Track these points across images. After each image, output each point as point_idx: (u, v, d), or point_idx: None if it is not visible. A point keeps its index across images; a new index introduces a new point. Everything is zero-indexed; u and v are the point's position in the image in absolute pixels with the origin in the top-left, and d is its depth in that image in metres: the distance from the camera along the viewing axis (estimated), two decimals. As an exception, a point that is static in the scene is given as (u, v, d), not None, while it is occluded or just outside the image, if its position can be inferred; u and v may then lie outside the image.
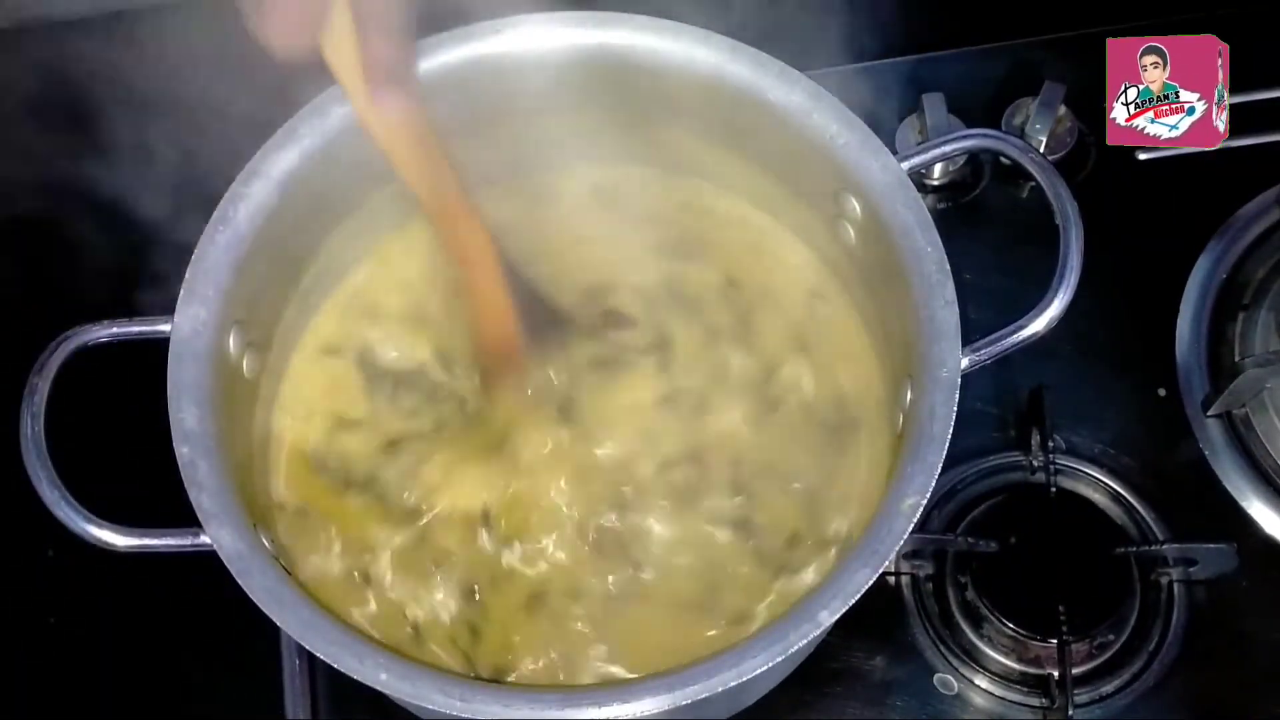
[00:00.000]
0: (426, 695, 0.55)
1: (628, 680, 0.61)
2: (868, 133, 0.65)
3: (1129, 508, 0.79)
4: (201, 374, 0.61)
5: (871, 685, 0.75)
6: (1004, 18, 0.92)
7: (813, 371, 0.70)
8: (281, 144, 0.65)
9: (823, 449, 0.68)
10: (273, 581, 0.57)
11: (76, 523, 0.58)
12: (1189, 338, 0.82)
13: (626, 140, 0.73)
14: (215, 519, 0.58)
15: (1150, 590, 0.76)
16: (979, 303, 0.79)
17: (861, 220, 0.66)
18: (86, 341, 0.62)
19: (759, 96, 0.66)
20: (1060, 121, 0.87)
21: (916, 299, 0.62)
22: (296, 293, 0.70)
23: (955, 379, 0.59)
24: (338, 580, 0.66)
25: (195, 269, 0.63)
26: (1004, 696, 0.75)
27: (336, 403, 0.71)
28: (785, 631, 0.55)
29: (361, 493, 0.68)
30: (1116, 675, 0.75)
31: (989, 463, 0.80)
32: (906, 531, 0.56)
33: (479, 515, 0.67)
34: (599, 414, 0.69)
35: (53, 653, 0.78)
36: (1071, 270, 0.61)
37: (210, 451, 0.60)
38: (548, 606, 0.66)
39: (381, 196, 0.71)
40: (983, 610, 0.75)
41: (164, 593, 0.76)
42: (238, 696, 0.76)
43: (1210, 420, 0.80)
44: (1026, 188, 0.88)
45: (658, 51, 0.67)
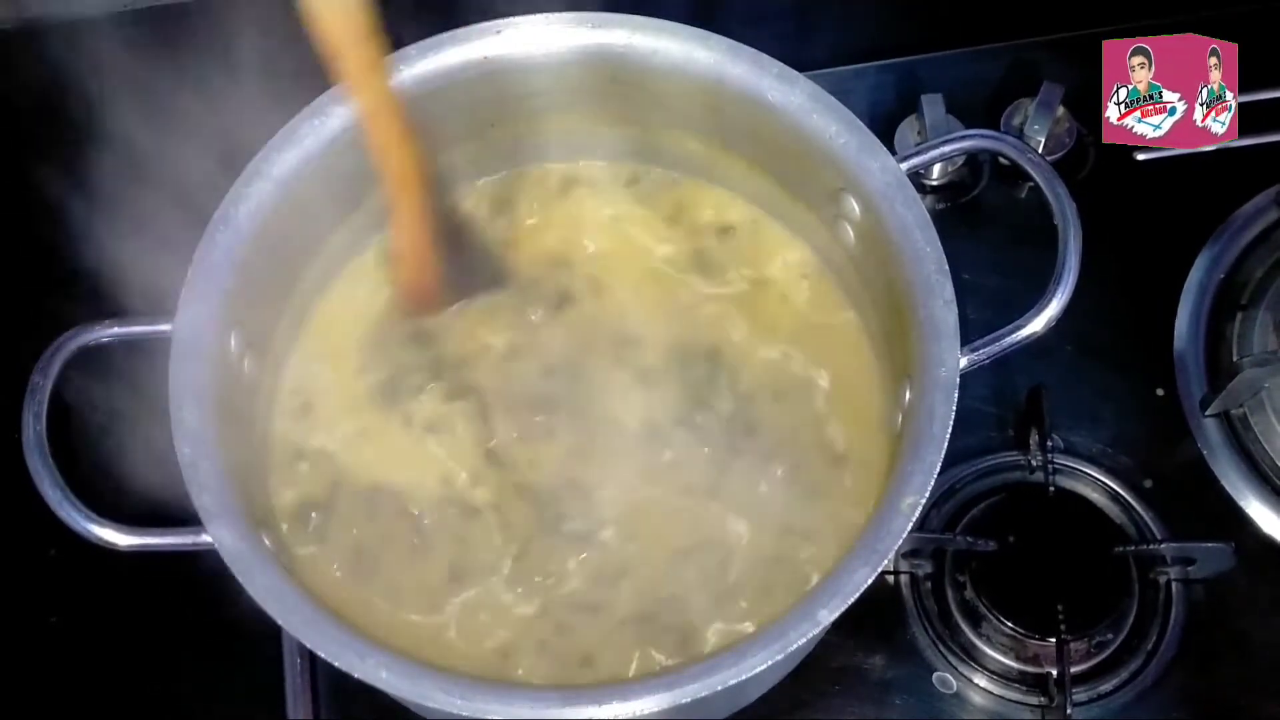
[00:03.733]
0: (427, 694, 0.55)
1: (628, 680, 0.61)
2: (867, 133, 0.65)
3: (1127, 507, 0.79)
4: (202, 373, 0.61)
5: (871, 684, 0.75)
6: (1003, 18, 0.92)
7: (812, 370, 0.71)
8: (281, 144, 0.65)
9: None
10: (274, 580, 0.57)
11: (78, 522, 0.59)
12: (1187, 337, 0.82)
13: (626, 140, 0.73)
14: (216, 518, 0.58)
15: (1148, 589, 0.76)
16: (978, 303, 0.79)
17: (861, 220, 0.66)
18: (88, 341, 0.62)
19: (759, 96, 0.66)
20: (1059, 122, 0.87)
21: (915, 299, 0.62)
22: (297, 292, 0.70)
23: (954, 378, 0.59)
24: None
25: (196, 269, 0.63)
26: (1003, 695, 0.75)
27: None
28: (784, 630, 0.55)
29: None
30: (1115, 674, 0.75)
31: (988, 462, 0.80)
32: (905, 530, 0.57)
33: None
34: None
35: (53, 653, 0.78)
36: (1070, 270, 0.62)
37: (211, 451, 0.60)
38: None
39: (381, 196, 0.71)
40: (981, 609, 0.75)
41: (165, 592, 0.76)
42: (239, 696, 0.76)
43: (1208, 420, 0.80)
44: (1025, 188, 0.88)
45: (657, 51, 0.67)
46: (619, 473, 0.69)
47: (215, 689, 0.77)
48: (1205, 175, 0.84)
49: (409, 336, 0.72)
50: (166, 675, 0.78)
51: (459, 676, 0.58)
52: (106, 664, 0.78)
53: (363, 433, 0.70)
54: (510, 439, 0.70)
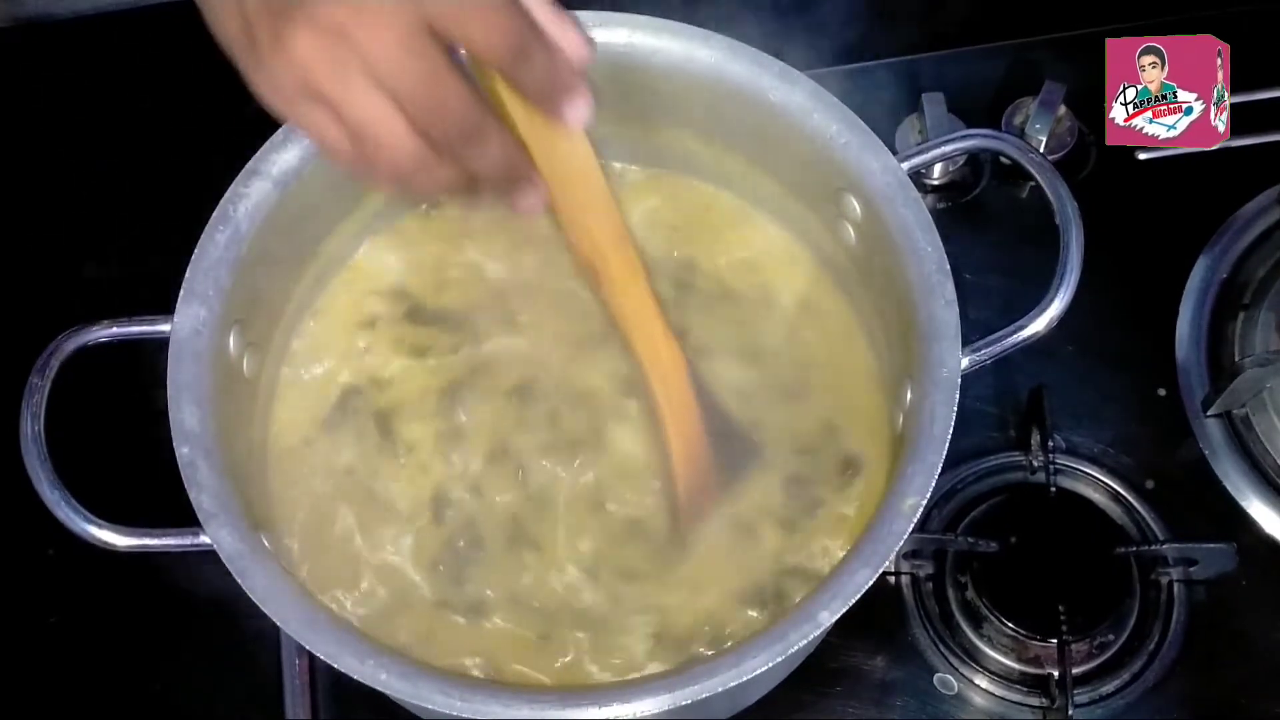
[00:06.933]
0: (426, 695, 0.55)
1: (627, 680, 0.61)
2: (868, 133, 0.65)
3: (1129, 507, 0.79)
4: (201, 374, 0.61)
5: (872, 685, 0.75)
6: (1004, 18, 0.92)
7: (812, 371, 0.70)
8: (281, 144, 0.65)
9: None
10: (273, 581, 0.57)
11: (77, 523, 0.58)
12: (1189, 337, 0.82)
13: (626, 140, 0.73)
14: (215, 519, 0.58)
15: (1150, 590, 0.76)
16: (979, 303, 0.79)
17: (861, 220, 0.66)
18: (86, 341, 0.62)
19: (759, 96, 0.66)
20: (1060, 121, 0.87)
21: (916, 299, 0.62)
22: (296, 292, 0.70)
23: (955, 379, 0.59)
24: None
25: (195, 268, 0.63)
26: (1004, 696, 0.75)
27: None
28: (785, 631, 0.55)
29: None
30: (1116, 675, 0.75)
31: (989, 463, 0.80)
32: (906, 531, 0.56)
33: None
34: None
35: (53, 653, 0.78)
36: (1071, 270, 0.61)
37: (210, 451, 0.60)
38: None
39: (380, 195, 0.71)
40: (983, 610, 0.75)
41: (164, 593, 0.76)
42: (238, 696, 0.76)
43: (1210, 420, 0.80)
44: (1026, 188, 0.88)
45: (658, 51, 0.67)
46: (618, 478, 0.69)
47: (215, 689, 0.77)
48: (1207, 175, 0.84)
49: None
50: (166, 675, 0.78)
51: (459, 677, 0.58)
52: (106, 664, 0.78)
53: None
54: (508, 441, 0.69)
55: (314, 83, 0.48)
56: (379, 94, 0.48)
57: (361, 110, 0.49)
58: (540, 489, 0.68)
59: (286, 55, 0.48)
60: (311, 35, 0.47)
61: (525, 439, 0.69)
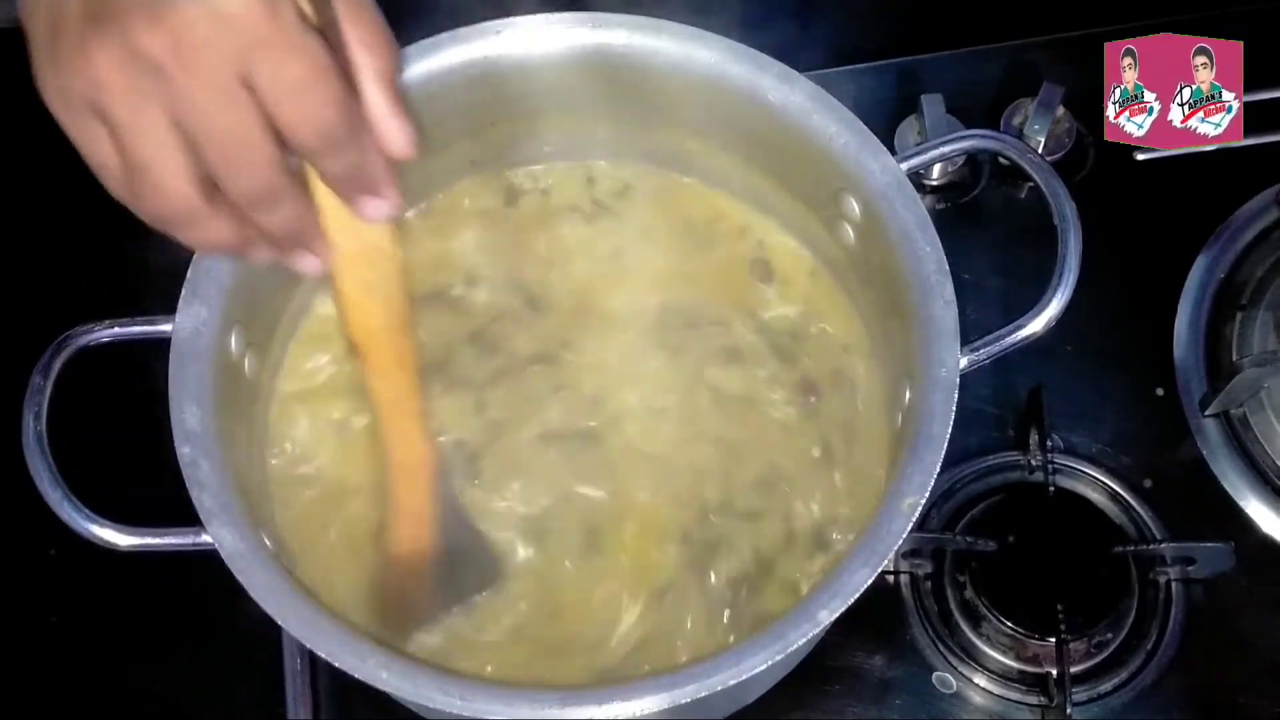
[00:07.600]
0: (427, 694, 0.55)
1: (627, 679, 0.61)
2: (867, 133, 0.65)
3: (1127, 507, 0.79)
4: (203, 373, 0.61)
5: (870, 684, 0.75)
6: (1003, 18, 0.92)
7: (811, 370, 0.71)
8: (282, 144, 0.65)
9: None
10: (274, 580, 0.57)
11: (78, 522, 0.59)
12: (1187, 337, 0.83)
13: (626, 140, 0.73)
14: (216, 518, 0.58)
15: (1148, 589, 0.77)
16: (978, 303, 0.80)
17: (861, 220, 0.66)
18: (88, 341, 0.62)
19: (759, 96, 0.66)
20: (1059, 122, 0.87)
21: (915, 299, 0.62)
22: (298, 292, 0.70)
23: (954, 379, 0.60)
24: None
25: (196, 268, 0.63)
26: (1003, 695, 0.75)
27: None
28: (784, 630, 0.55)
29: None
30: (1115, 674, 0.75)
31: (988, 462, 0.80)
32: (905, 531, 0.57)
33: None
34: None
35: (53, 652, 0.78)
36: (1070, 270, 0.62)
37: (211, 451, 0.60)
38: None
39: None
40: (981, 609, 0.75)
41: (165, 592, 0.76)
42: (238, 696, 0.76)
43: (1208, 420, 0.80)
44: (1025, 188, 0.88)
45: (657, 51, 0.67)
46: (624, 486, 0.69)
47: (215, 689, 0.77)
48: (1205, 175, 0.85)
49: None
50: (167, 675, 0.78)
51: (459, 677, 0.58)
52: (106, 664, 0.78)
53: (363, 430, 0.70)
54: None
55: (104, 102, 0.45)
56: (171, 134, 0.46)
57: (144, 146, 0.46)
58: (548, 499, 0.68)
59: (85, 65, 0.45)
60: (119, 57, 0.44)
61: (526, 431, 0.69)
